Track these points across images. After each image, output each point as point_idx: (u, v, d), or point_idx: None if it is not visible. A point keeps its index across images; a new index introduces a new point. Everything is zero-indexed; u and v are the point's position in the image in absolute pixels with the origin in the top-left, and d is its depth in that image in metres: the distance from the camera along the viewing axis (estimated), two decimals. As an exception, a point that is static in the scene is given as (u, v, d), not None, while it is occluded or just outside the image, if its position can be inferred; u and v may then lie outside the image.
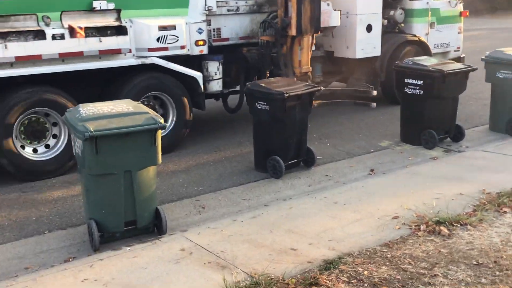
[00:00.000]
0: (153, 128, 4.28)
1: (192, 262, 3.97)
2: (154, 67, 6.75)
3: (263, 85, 6.07)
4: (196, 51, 7.16)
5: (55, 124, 6.33)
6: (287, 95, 5.77)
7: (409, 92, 7.04)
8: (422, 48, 9.50)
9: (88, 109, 4.43)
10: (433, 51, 9.67)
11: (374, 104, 8.43)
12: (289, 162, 6.16)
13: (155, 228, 4.63)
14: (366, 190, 5.53)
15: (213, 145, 7.34)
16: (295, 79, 7.29)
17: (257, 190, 5.76)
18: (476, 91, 9.62)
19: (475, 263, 3.70)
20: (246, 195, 5.62)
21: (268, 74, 7.82)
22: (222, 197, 5.55)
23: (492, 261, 3.71)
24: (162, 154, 4.51)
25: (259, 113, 6.05)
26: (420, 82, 6.89)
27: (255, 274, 3.72)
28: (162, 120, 4.37)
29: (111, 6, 6.47)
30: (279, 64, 7.70)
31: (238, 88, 8.02)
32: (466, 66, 7.21)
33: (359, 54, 8.85)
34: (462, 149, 6.90)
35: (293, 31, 7.45)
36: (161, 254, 4.10)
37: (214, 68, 7.41)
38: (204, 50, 7.23)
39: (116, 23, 6.37)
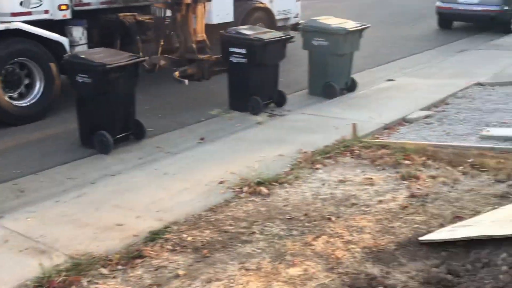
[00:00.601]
0: None
1: (8, 250, 3.73)
2: (18, 32, 6.59)
3: (83, 56, 5.80)
4: (59, 15, 7.17)
5: None
6: (110, 66, 5.58)
7: (234, 61, 7.28)
8: (268, 14, 10.32)
9: None
10: (277, 17, 10.50)
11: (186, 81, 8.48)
12: (118, 136, 6.01)
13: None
14: (196, 158, 5.66)
15: (35, 124, 6.83)
16: (194, 46, 7.50)
17: (84, 167, 5.54)
18: (297, 58, 10.26)
19: (288, 217, 4.04)
20: (72, 173, 5.37)
21: (161, 43, 7.88)
22: (45, 178, 5.24)
23: (303, 214, 4.08)
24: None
25: (81, 86, 5.78)
26: (244, 51, 7.16)
27: (77, 255, 3.61)
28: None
29: None
30: (175, 33, 7.77)
31: None
32: (284, 35, 7.67)
33: (215, 20, 9.22)
34: (285, 113, 7.37)
35: None
36: (-30, 247, 3.76)
37: (79, 33, 7.42)
38: (68, 14, 7.25)
39: None
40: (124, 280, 3.34)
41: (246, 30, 7.42)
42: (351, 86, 8.39)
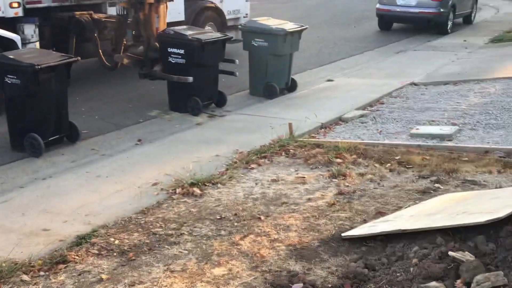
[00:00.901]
0: None
1: None
2: None
3: (11, 56, 5.60)
4: (11, 13, 7.19)
5: None
6: (39, 67, 5.42)
7: (173, 61, 7.23)
8: (218, 14, 10.58)
9: None
10: (227, 16, 10.78)
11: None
12: (50, 139, 5.86)
13: None
14: (131, 160, 5.59)
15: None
16: (156, 44, 7.46)
17: (13, 171, 5.36)
18: (240, 59, 10.30)
19: (218, 217, 4.06)
20: (0, 178, 5.19)
21: (125, 42, 8.01)
22: (-31, 183, 5.03)
23: (233, 214, 4.10)
24: None
25: (10, 87, 5.59)
26: (182, 51, 7.13)
27: (-2, 261, 3.49)
28: None
29: None
30: (138, 31, 7.77)
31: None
32: (223, 35, 7.70)
33: (166, 18, 8.89)
34: (224, 114, 7.39)
35: None
36: None
37: (31, 30, 7.44)
38: (19, 12, 7.27)
39: None
40: (45, 286, 3.25)
41: (184, 31, 7.38)
42: (292, 86, 8.51)
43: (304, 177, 4.82)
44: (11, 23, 7.25)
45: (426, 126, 6.32)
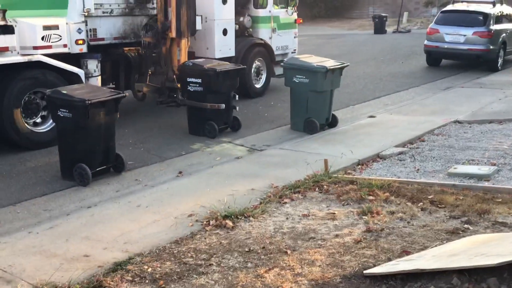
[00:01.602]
0: None
1: (-26, 279, 3.87)
2: (39, 64, 7.14)
3: (64, 92, 6.04)
4: (76, 49, 7.79)
5: None
6: (90, 102, 5.83)
7: (192, 90, 8.02)
8: (267, 50, 11.16)
9: None
10: (275, 52, 11.37)
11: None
12: (97, 169, 6.22)
13: None
14: (170, 191, 5.84)
15: (18, 156, 7.07)
16: (174, 76, 8.27)
17: (61, 199, 5.73)
18: (284, 93, 10.55)
19: (247, 250, 4.20)
20: (49, 205, 5.56)
21: (150, 73, 8.70)
22: (22, 210, 5.42)
23: (261, 247, 4.23)
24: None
25: (62, 120, 6.03)
26: (199, 80, 7.90)
27: (40, 284, 3.76)
28: None
29: None
30: (159, 63, 8.49)
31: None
32: (237, 66, 8.46)
33: (218, 54, 10.00)
34: (264, 148, 7.58)
35: (172, 34, 8.25)
36: None
37: (93, 65, 8.02)
38: (84, 48, 7.86)
39: (2, 22, 6.79)
40: (81, 309, 3.48)
41: (201, 63, 8.13)
42: (332, 122, 8.63)
43: (334, 213, 4.90)
44: (75, 58, 7.89)
45: (464, 166, 6.26)
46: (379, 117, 9.22)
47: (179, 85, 8.29)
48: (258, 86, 11.24)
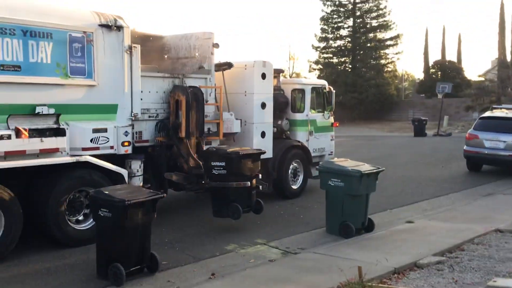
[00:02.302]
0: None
1: None
2: (85, 164, 7.49)
3: (106, 192, 6.31)
4: (122, 150, 8.13)
5: None
6: (129, 202, 6.06)
7: (216, 173, 8.46)
8: (304, 152, 11.50)
9: None
10: (312, 154, 11.71)
11: None
12: (132, 269, 6.30)
13: None
14: (202, 295, 5.81)
15: (58, 252, 7.27)
16: (195, 163, 8.81)
17: (96, 299, 5.78)
18: (320, 195, 10.60)
19: None
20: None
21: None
22: (56, 309, 5.49)
23: None
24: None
25: (102, 220, 6.23)
26: (223, 163, 8.34)
27: None
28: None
29: (52, 111, 7.32)
30: (174, 160, 9.01)
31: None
32: (257, 151, 8.95)
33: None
34: (298, 251, 7.52)
35: (182, 133, 8.81)
36: None
37: (137, 165, 8.37)
38: (129, 150, 8.25)
39: (55, 126, 7.29)
40: None
41: (224, 147, 8.75)
42: (368, 226, 8.54)
43: (367, 326, 4.74)
44: (120, 159, 8.21)
45: (505, 279, 6.00)
46: (417, 223, 9.06)
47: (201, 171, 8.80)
48: (295, 187, 11.41)
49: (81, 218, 7.70)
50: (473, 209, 10.18)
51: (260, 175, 9.08)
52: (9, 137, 6.79)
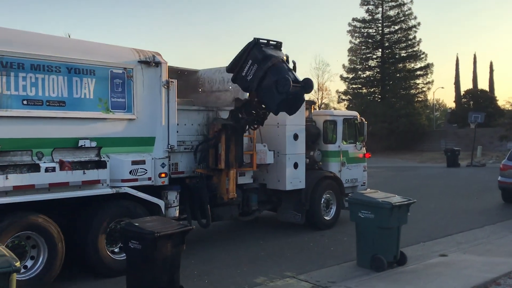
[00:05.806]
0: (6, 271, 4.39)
1: None
2: (125, 195, 7.68)
3: (136, 224, 6.38)
4: (159, 182, 8.25)
5: (34, 247, 6.86)
6: (158, 234, 6.10)
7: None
8: (337, 182, 11.50)
9: None
10: (345, 185, 11.70)
11: None
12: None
13: None
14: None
15: (90, 282, 7.33)
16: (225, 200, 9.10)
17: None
18: (351, 228, 10.46)
19: None
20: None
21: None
22: None
23: None
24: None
25: (132, 252, 6.26)
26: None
27: None
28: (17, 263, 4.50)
29: (94, 144, 7.53)
30: (213, 191, 9.08)
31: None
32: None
33: (288, 187, 10.49)
34: (328, 285, 7.38)
35: (222, 165, 8.93)
36: None
37: (173, 196, 8.47)
38: (166, 181, 8.34)
39: (97, 158, 7.46)
40: None
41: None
42: (401, 260, 8.34)
43: None
44: (156, 190, 8.30)
45: (545, 315, 5.75)
46: (451, 256, 8.81)
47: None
48: (327, 218, 11.35)
49: (117, 249, 7.77)
50: (509, 242, 9.85)
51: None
52: (53, 169, 6.96)
